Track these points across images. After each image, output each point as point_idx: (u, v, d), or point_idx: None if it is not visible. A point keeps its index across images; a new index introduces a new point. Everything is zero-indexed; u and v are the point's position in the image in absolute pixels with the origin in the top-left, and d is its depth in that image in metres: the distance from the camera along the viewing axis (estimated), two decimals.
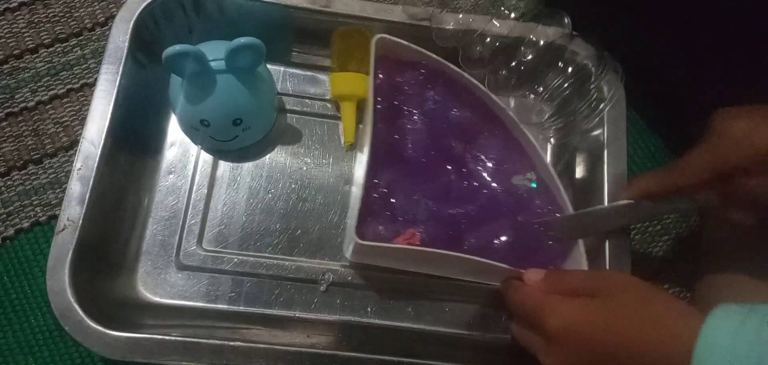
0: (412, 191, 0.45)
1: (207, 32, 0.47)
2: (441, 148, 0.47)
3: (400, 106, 0.47)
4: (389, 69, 0.47)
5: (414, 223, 0.44)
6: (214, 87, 0.43)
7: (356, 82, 0.49)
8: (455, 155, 0.47)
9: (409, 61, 0.48)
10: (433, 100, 0.48)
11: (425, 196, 0.45)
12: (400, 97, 0.48)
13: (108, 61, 0.45)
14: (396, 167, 0.45)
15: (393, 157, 0.46)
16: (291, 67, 0.52)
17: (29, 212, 0.48)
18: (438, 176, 0.46)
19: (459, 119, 0.48)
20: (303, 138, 0.50)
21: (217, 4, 0.48)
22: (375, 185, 0.44)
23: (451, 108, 0.48)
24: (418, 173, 0.46)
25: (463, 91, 0.48)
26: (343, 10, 0.49)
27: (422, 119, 0.47)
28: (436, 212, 0.45)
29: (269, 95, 0.47)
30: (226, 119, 0.44)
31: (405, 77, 0.48)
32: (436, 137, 0.47)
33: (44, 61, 0.52)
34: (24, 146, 0.49)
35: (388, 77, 0.47)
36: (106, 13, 0.54)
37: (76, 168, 0.42)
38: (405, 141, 0.47)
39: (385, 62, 0.47)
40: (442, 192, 0.46)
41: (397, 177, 0.45)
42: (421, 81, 0.48)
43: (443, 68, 0.48)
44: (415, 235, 0.43)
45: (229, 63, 0.42)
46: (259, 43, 0.42)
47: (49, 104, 0.51)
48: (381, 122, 0.45)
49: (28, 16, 0.53)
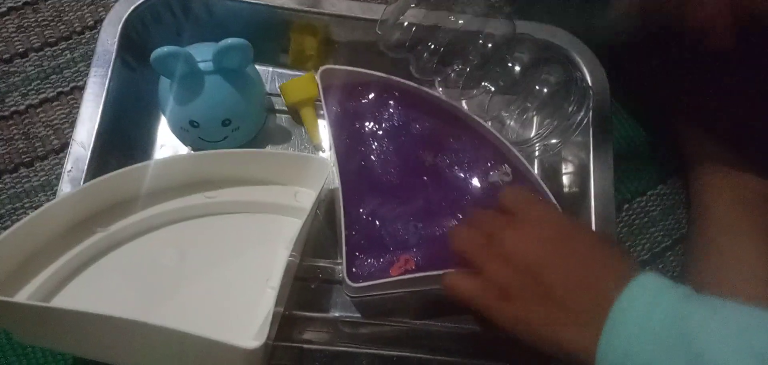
0: (395, 216, 0.44)
1: (195, 34, 0.47)
2: (412, 163, 0.46)
3: (360, 131, 0.47)
4: (340, 98, 0.47)
5: (405, 248, 0.43)
6: (203, 88, 0.43)
7: (305, 85, 0.49)
8: (428, 167, 0.46)
9: (358, 84, 0.47)
10: (392, 117, 0.47)
11: (410, 217, 0.44)
12: (358, 122, 0.47)
13: (97, 63, 0.45)
14: (373, 196, 0.44)
15: (366, 186, 0.45)
16: (279, 67, 0.52)
17: (21, 214, 0.48)
18: (416, 193, 0.45)
19: (422, 131, 0.47)
20: (292, 138, 0.51)
21: (205, 5, 0.49)
22: (355, 220, 0.43)
23: (411, 121, 0.47)
24: (396, 196, 0.45)
25: (419, 101, 0.47)
26: (330, 9, 0.49)
27: (386, 139, 0.47)
28: (424, 232, 0.44)
29: (258, 95, 0.48)
30: (215, 120, 0.45)
31: (359, 102, 0.47)
32: (404, 154, 0.46)
33: (34, 64, 0.52)
34: (15, 149, 0.50)
35: (341, 107, 0.47)
36: (95, 17, 0.54)
37: (67, 170, 0.42)
38: (374, 166, 0.46)
39: (334, 92, 0.46)
40: (425, 208, 0.45)
41: (375, 206, 0.44)
42: (376, 102, 0.47)
43: (394, 84, 0.47)
44: (410, 260, 0.42)
45: (217, 64, 0.43)
46: (247, 44, 0.42)
47: (40, 107, 0.51)
48: (345, 154, 0.45)
49: (17, 20, 0.53)
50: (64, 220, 0.40)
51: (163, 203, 0.43)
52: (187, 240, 0.43)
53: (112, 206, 0.42)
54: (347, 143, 0.46)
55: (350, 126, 0.46)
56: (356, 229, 0.43)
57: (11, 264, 0.37)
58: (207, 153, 0.43)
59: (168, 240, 0.43)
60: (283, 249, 0.42)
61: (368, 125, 0.47)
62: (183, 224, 0.44)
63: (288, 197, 0.45)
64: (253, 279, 0.42)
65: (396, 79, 0.47)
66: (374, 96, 0.47)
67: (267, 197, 0.45)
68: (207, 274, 0.42)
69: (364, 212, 0.44)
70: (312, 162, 0.45)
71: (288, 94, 0.49)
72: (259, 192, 0.45)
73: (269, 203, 0.45)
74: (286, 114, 0.51)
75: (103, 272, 0.41)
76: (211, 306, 0.41)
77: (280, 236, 0.44)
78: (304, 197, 0.45)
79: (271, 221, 0.45)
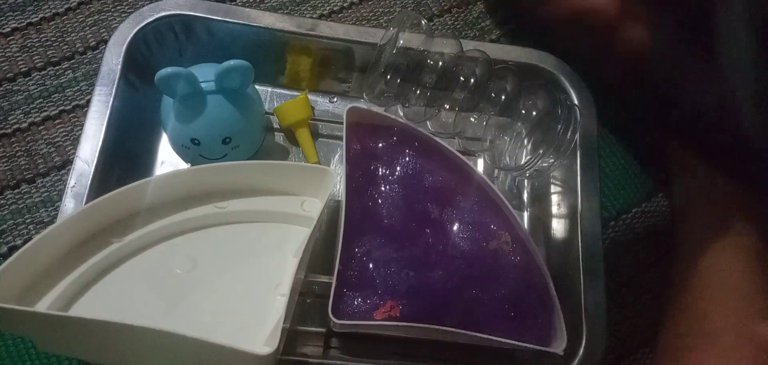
0: (390, 261, 0.44)
1: (197, 55, 0.49)
2: (417, 213, 0.47)
3: (374, 172, 0.47)
4: (361, 136, 0.48)
5: (393, 295, 0.43)
6: (205, 107, 0.44)
7: (299, 107, 0.50)
8: (432, 220, 0.47)
9: (381, 127, 0.49)
10: (408, 165, 0.48)
11: (403, 265, 0.44)
12: (373, 163, 0.48)
13: (101, 83, 0.47)
14: (372, 237, 0.45)
15: (369, 226, 0.45)
16: (278, 87, 0.54)
17: (22, 230, 0.49)
18: (415, 242, 0.46)
19: (433, 184, 0.48)
20: (290, 156, 0.52)
21: (207, 27, 0.50)
22: (351, 258, 0.44)
23: (425, 172, 0.48)
24: (395, 242, 0.45)
25: (436, 154, 0.48)
26: (328, 33, 0.51)
27: (397, 185, 0.47)
28: (415, 283, 0.44)
29: (257, 114, 0.49)
30: (215, 138, 0.46)
31: (378, 144, 0.48)
32: (411, 202, 0.47)
33: (37, 83, 0.53)
34: (17, 166, 0.51)
35: (361, 145, 0.48)
36: (97, 38, 0.55)
37: (70, 186, 0.43)
38: (380, 209, 0.46)
39: (357, 130, 0.48)
40: (421, 260, 0.45)
41: (373, 248, 0.45)
42: (394, 147, 0.48)
43: (415, 133, 0.48)
44: (396, 308, 0.42)
45: (218, 84, 0.44)
46: (248, 66, 0.44)
47: (42, 125, 0.52)
48: (355, 192, 0.46)
49: (20, 40, 0.55)
50: (80, 232, 0.41)
51: (176, 214, 0.44)
52: (199, 249, 0.44)
53: (126, 217, 0.43)
54: (360, 182, 0.47)
55: (365, 166, 0.47)
56: (350, 266, 0.44)
57: (31, 276, 0.38)
58: (217, 165, 0.45)
59: (180, 250, 0.44)
60: (292, 257, 0.44)
61: (383, 168, 0.48)
62: (194, 233, 0.45)
63: (295, 207, 0.47)
64: (263, 286, 0.43)
65: (417, 130, 0.48)
66: (394, 141, 0.48)
67: (275, 207, 0.47)
68: (218, 282, 0.43)
69: (360, 252, 0.44)
70: (318, 172, 0.46)
71: (282, 116, 0.51)
72: (267, 202, 0.47)
73: (277, 213, 0.47)
74: (284, 133, 0.53)
75: (119, 281, 0.42)
76: (223, 313, 0.42)
77: (289, 244, 0.45)
78: (311, 207, 0.47)
79: (280, 230, 0.46)
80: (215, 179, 0.45)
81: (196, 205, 0.45)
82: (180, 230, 0.45)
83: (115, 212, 0.43)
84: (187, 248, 0.44)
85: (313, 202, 0.47)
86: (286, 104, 0.51)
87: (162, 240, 0.44)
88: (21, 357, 0.45)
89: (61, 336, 0.37)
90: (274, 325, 0.39)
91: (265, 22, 0.50)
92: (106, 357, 0.40)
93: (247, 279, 0.44)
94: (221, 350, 0.34)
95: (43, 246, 0.38)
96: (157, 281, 0.43)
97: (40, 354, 0.45)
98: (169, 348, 0.35)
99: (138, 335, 0.34)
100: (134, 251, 0.43)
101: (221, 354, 0.34)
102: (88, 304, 0.40)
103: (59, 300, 0.39)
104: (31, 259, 0.38)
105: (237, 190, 0.46)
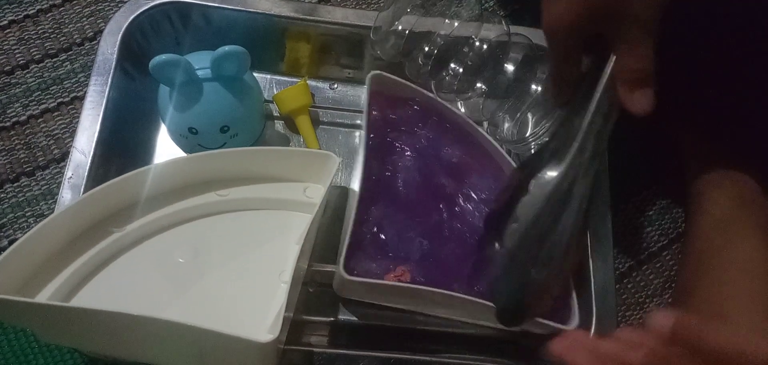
0: (404, 228, 0.44)
1: (194, 43, 0.48)
2: (433, 186, 0.46)
3: (392, 142, 0.47)
4: (383, 105, 0.47)
5: (405, 260, 0.43)
6: (201, 96, 0.44)
7: (299, 94, 0.50)
8: (447, 194, 0.46)
9: (401, 97, 0.48)
10: (426, 137, 0.48)
11: (417, 233, 0.44)
12: (392, 133, 0.48)
13: (97, 73, 0.46)
14: (387, 203, 0.45)
15: (384, 193, 0.45)
16: (278, 75, 0.53)
17: (22, 224, 0.48)
18: (429, 215, 0.45)
19: (451, 157, 0.48)
20: (291, 144, 0.51)
21: (203, 14, 0.49)
22: (365, 220, 0.44)
23: (443, 145, 0.48)
24: (409, 210, 0.45)
25: (456, 128, 0.48)
26: (327, 17, 0.50)
27: (414, 155, 0.47)
28: (428, 251, 0.44)
29: (256, 102, 0.48)
30: (213, 127, 0.45)
31: (398, 113, 0.48)
32: (428, 174, 0.47)
33: (35, 76, 0.53)
34: (16, 159, 0.50)
35: (381, 113, 0.47)
36: (94, 28, 0.55)
37: (67, 177, 0.43)
38: (397, 177, 0.46)
39: (378, 98, 0.47)
40: (434, 229, 0.45)
41: (388, 213, 0.45)
42: (414, 117, 0.48)
43: (435, 104, 0.48)
44: (406, 273, 0.43)
45: (214, 71, 0.43)
46: (243, 51, 0.43)
47: (41, 117, 0.52)
48: (373, 158, 0.45)
49: (18, 33, 0.54)
50: (80, 222, 0.40)
51: (177, 203, 0.44)
52: (201, 238, 0.44)
53: (127, 206, 0.43)
54: (378, 148, 0.46)
55: (385, 133, 0.47)
56: (364, 228, 0.43)
57: (32, 267, 0.38)
58: (218, 152, 0.44)
59: (182, 238, 0.44)
60: (295, 244, 0.43)
61: (403, 137, 0.47)
62: (196, 222, 0.44)
63: (298, 193, 0.46)
64: (265, 274, 0.42)
65: (440, 102, 0.48)
66: (416, 111, 0.48)
67: (277, 194, 0.46)
68: (221, 270, 0.43)
69: (375, 215, 0.44)
70: (321, 157, 0.45)
71: (282, 103, 0.50)
72: (269, 189, 0.46)
73: (280, 200, 0.46)
74: (284, 121, 0.52)
75: (120, 271, 0.41)
76: (226, 301, 0.41)
77: (291, 231, 0.45)
78: (314, 193, 0.46)
79: (282, 217, 0.46)
80: (216, 167, 0.45)
81: (197, 193, 0.45)
82: (181, 218, 0.44)
83: (115, 201, 0.42)
84: (189, 236, 0.44)
85: (316, 188, 0.46)
86: (286, 90, 0.50)
87: (163, 229, 0.44)
88: (23, 350, 0.45)
89: (63, 327, 0.37)
90: (276, 313, 0.39)
91: (263, 7, 0.49)
92: (108, 347, 0.40)
93: (249, 268, 0.43)
94: (223, 338, 0.33)
95: (42, 237, 0.38)
96: (159, 270, 0.42)
97: (42, 347, 0.45)
98: (172, 337, 0.35)
99: (140, 324, 0.33)
100: (135, 241, 0.43)
101: (223, 343, 0.34)
102: (89, 294, 0.40)
103: (60, 291, 0.39)
104: (29, 250, 0.37)
105: (238, 177, 0.46)
